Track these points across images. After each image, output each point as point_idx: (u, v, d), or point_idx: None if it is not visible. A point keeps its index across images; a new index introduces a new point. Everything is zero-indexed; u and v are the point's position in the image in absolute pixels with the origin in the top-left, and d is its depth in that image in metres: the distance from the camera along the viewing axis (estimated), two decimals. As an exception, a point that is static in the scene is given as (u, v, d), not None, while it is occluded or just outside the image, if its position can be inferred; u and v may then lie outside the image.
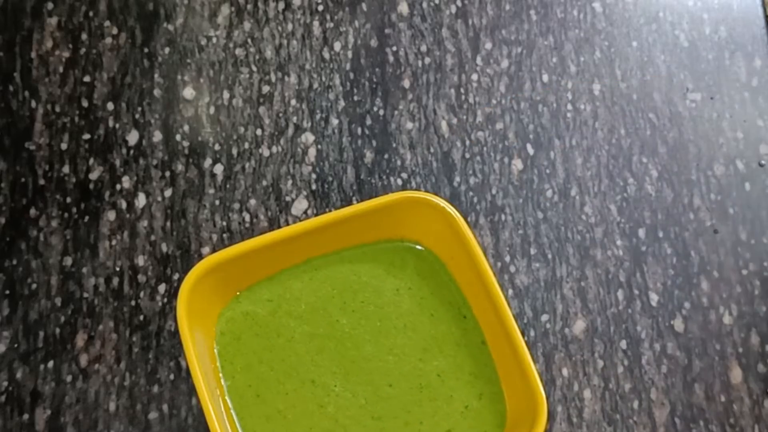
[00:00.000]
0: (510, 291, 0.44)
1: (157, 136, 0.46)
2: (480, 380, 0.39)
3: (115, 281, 0.43)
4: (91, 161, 0.45)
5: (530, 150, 0.47)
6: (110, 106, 0.46)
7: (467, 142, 0.47)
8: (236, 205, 0.45)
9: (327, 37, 0.49)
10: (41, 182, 0.45)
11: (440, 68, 0.48)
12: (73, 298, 0.42)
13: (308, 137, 0.46)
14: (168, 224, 0.44)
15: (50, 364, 0.41)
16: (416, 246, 0.41)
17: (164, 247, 0.44)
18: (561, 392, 0.42)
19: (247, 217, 0.45)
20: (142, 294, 0.43)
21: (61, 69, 0.47)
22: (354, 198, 0.45)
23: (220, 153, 0.46)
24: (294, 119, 0.47)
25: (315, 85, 0.48)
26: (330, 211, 0.44)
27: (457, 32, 0.49)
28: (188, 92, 0.47)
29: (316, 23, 0.49)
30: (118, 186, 0.45)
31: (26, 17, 0.48)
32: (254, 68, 0.48)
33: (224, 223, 0.44)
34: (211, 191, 0.45)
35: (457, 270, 0.40)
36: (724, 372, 0.43)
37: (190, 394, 0.41)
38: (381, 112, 0.47)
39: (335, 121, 0.47)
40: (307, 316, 0.40)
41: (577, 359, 0.43)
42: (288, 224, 0.45)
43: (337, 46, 0.49)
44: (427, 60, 0.49)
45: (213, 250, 0.43)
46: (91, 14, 0.48)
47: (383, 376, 0.39)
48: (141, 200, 0.44)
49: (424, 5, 0.50)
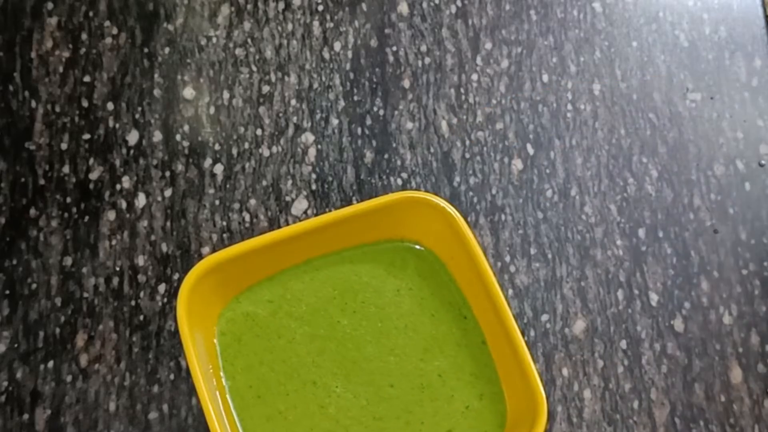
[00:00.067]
0: (510, 291, 0.44)
1: (157, 136, 0.46)
2: (481, 380, 0.39)
3: (115, 281, 0.43)
4: (91, 161, 0.45)
5: (530, 150, 0.47)
6: (110, 106, 0.46)
7: (467, 142, 0.47)
8: (236, 205, 0.45)
9: (327, 37, 0.49)
10: (41, 182, 0.44)
11: (440, 68, 0.48)
12: (73, 298, 0.42)
13: (308, 137, 0.46)
14: (168, 224, 0.44)
15: (50, 364, 0.41)
16: (416, 246, 0.41)
17: (164, 247, 0.44)
18: (561, 392, 0.42)
19: (247, 217, 0.45)
20: (142, 294, 0.43)
21: (61, 69, 0.47)
22: (354, 198, 0.45)
23: (220, 153, 0.46)
24: (294, 119, 0.47)
25: (315, 85, 0.48)
26: (330, 211, 0.44)
27: (457, 32, 0.49)
28: (188, 92, 0.47)
29: (316, 23, 0.49)
30: (118, 186, 0.45)
31: (26, 17, 0.48)
32: (254, 68, 0.48)
33: (224, 223, 0.44)
34: (211, 191, 0.45)
35: (457, 270, 0.40)
36: (724, 372, 0.43)
37: (190, 394, 0.41)
38: (381, 112, 0.47)
39: (335, 121, 0.47)
40: (308, 317, 0.40)
41: (577, 359, 0.43)
42: (288, 224, 0.45)
43: (337, 46, 0.49)
44: (427, 60, 0.49)
45: (213, 250, 0.43)
46: (91, 14, 0.48)
47: (384, 377, 0.39)
48: (141, 200, 0.44)
49: (424, 5, 0.50)
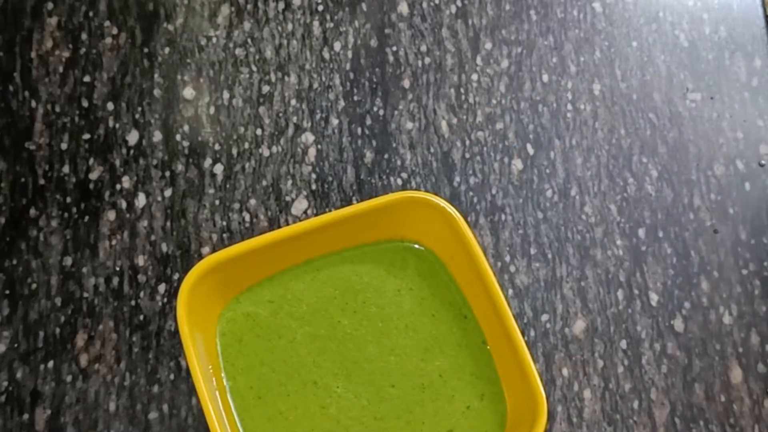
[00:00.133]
0: (510, 291, 0.44)
1: (157, 136, 0.46)
2: (481, 380, 0.39)
3: (115, 281, 0.43)
4: (91, 161, 0.45)
5: (530, 150, 0.47)
6: (110, 106, 0.46)
7: (467, 142, 0.47)
8: (236, 205, 0.45)
9: (327, 37, 0.49)
10: (41, 182, 0.44)
11: (440, 68, 0.48)
12: (73, 298, 0.42)
13: (308, 137, 0.46)
14: (168, 224, 0.44)
15: (50, 364, 0.41)
16: (416, 246, 0.41)
17: (164, 247, 0.44)
18: (561, 392, 0.42)
19: (247, 217, 0.44)
20: (142, 294, 0.43)
21: (61, 69, 0.47)
22: (354, 198, 0.45)
23: (220, 153, 0.46)
24: (294, 119, 0.47)
25: (315, 85, 0.48)
26: (330, 211, 0.44)
27: (457, 32, 0.49)
28: (188, 92, 0.47)
29: (316, 23, 0.49)
30: (118, 186, 0.45)
31: (26, 17, 0.48)
32: (254, 68, 0.48)
33: (224, 223, 0.44)
34: (211, 191, 0.45)
35: (458, 270, 0.40)
36: (724, 372, 0.43)
37: (190, 394, 0.41)
38: (381, 112, 0.47)
39: (335, 121, 0.47)
40: (309, 317, 0.40)
41: (577, 359, 0.43)
42: (288, 224, 0.45)
43: (337, 46, 0.49)
44: (427, 60, 0.48)
45: (213, 250, 0.43)
46: (91, 14, 0.48)
47: (385, 377, 0.39)
48: (141, 200, 0.44)
49: (424, 5, 0.50)
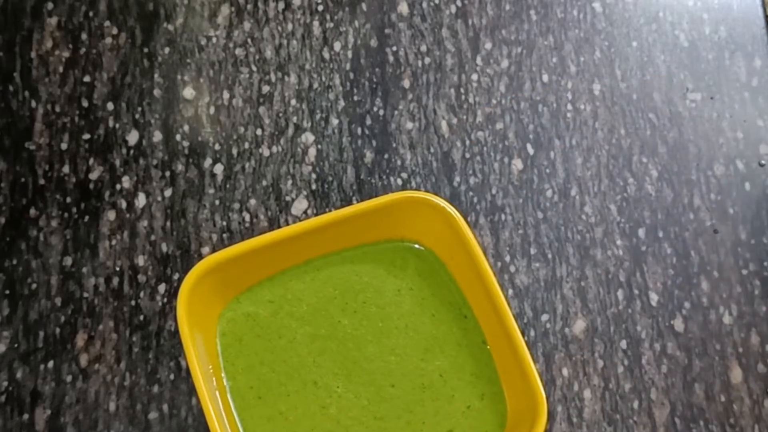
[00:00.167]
0: (510, 291, 0.44)
1: (157, 136, 0.46)
2: (481, 380, 0.39)
3: (115, 281, 0.43)
4: (91, 161, 0.45)
5: (530, 150, 0.47)
6: (110, 106, 0.46)
7: (467, 142, 0.47)
8: (236, 205, 0.45)
9: (327, 37, 0.49)
10: (41, 182, 0.44)
11: (440, 68, 0.48)
12: (73, 298, 0.42)
13: (308, 137, 0.46)
14: (168, 224, 0.44)
15: (50, 364, 0.41)
16: (416, 246, 0.41)
17: (164, 247, 0.44)
18: (561, 392, 0.42)
19: (247, 217, 0.44)
20: (142, 294, 0.43)
21: (61, 69, 0.47)
22: (354, 198, 0.45)
23: (220, 153, 0.46)
24: (294, 119, 0.47)
25: (315, 85, 0.48)
26: (330, 211, 0.44)
27: (457, 32, 0.49)
28: (188, 92, 0.47)
29: (316, 23, 0.49)
30: (118, 186, 0.45)
31: (26, 17, 0.48)
32: (254, 68, 0.48)
33: (224, 223, 0.44)
34: (211, 191, 0.45)
35: (458, 270, 0.40)
36: (724, 372, 0.43)
37: (190, 394, 0.41)
38: (381, 112, 0.47)
39: (335, 121, 0.47)
40: (309, 317, 0.40)
41: (577, 359, 0.43)
42: (288, 224, 0.45)
43: (337, 46, 0.49)
44: (427, 60, 0.49)
45: (213, 250, 0.43)
46: (91, 14, 0.48)
47: (385, 377, 0.39)
48: (141, 200, 0.44)
49: (424, 5, 0.50)
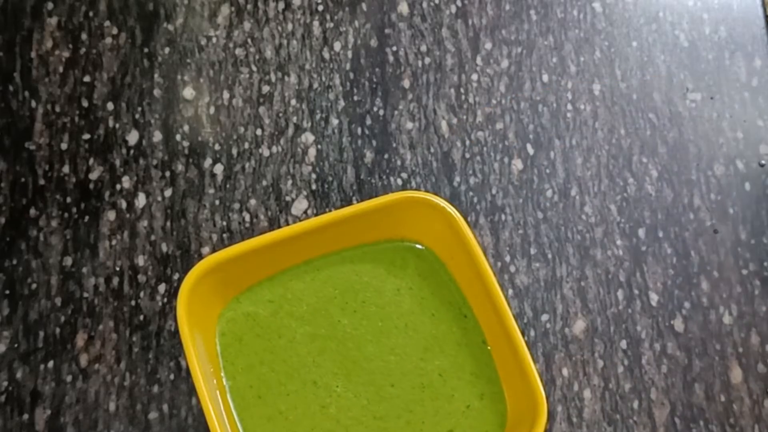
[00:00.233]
0: (510, 291, 0.44)
1: (157, 136, 0.46)
2: (481, 380, 0.39)
3: (115, 281, 0.43)
4: (91, 161, 0.45)
5: (530, 150, 0.47)
6: (110, 106, 0.46)
7: (467, 142, 0.47)
8: (236, 205, 0.45)
9: (327, 37, 0.49)
10: (41, 182, 0.44)
11: (440, 68, 0.48)
12: (73, 298, 0.42)
13: (308, 137, 0.46)
14: (168, 224, 0.44)
15: (50, 364, 0.41)
16: (417, 246, 0.41)
17: (164, 247, 0.44)
18: (561, 392, 0.42)
19: (247, 217, 0.44)
20: (142, 294, 0.43)
21: (61, 69, 0.47)
22: (354, 198, 0.45)
23: (220, 153, 0.46)
24: (294, 119, 0.47)
25: (315, 85, 0.48)
26: (330, 211, 0.44)
27: (457, 32, 0.49)
28: (188, 92, 0.47)
29: (316, 23, 0.49)
30: (118, 186, 0.45)
31: (26, 17, 0.48)
32: (254, 68, 0.48)
33: (224, 223, 0.44)
34: (211, 191, 0.45)
35: (458, 270, 0.40)
36: (724, 372, 0.43)
37: (190, 394, 0.41)
38: (381, 112, 0.47)
39: (335, 121, 0.47)
40: (309, 317, 0.40)
41: (577, 359, 0.43)
42: (288, 224, 0.45)
43: (337, 46, 0.49)
44: (427, 60, 0.49)
45: (213, 250, 0.43)
46: (91, 14, 0.48)
47: (385, 376, 0.39)
48: (141, 200, 0.44)
49: (424, 5, 0.50)
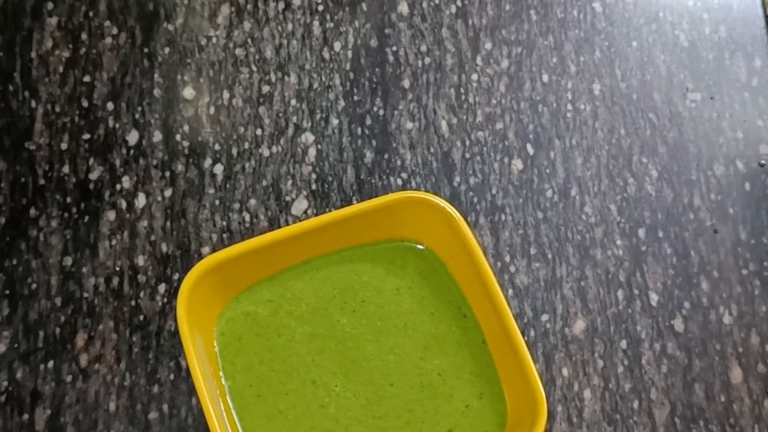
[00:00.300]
0: (510, 291, 0.44)
1: (157, 136, 0.46)
2: (481, 379, 0.39)
3: (115, 281, 0.43)
4: (91, 161, 0.45)
5: (530, 150, 0.47)
6: (110, 106, 0.46)
7: (467, 142, 0.47)
8: (236, 205, 0.45)
9: (327, 37, 0.49)
10: (41, 182, 0.44)
11: (440, 68, 0.48)
12: (73, 298, 0.42)
13: (308, 137, 0.46)
14: (168, 224, 0.44)
15: (50, 364, 0.41)
16: (416, 246, 0.41)
17: (164, 247, 0.44)
18: (561, 392, 0.42)
19: (247, 217, 0.45)
20: (142, 294, 0.43)
21: (61, 69, 0.47)
22: (354, 198, 0.45)
23: (220, 153, 0.46)
24: (294, 119, 0.47)
25: (315, 85, 0.48)
26: (330, 211, 0.44)
27: (457, 32, 0.49)
28: (188, 92, 0.47)
29: (316, 23, 0.49)
30: (118, 186, 0.45)
31: (26, 17, 0.48)
32: (254, 68, 0.48)
33: (224, 223, 0.44)
34: (211, 191, 0.45)
35: (457, 270, 0.40)
36: (724, 372, 0.43)
37: (190, 394, 0.41)
38: (381, 112, 0.47)
39: (335, 121, 0.47)
40: (308, 317, 0.40)
41: (577, 359, 0.43)
42: (288, 224, 0.45)
43: (337, 46, 0.49)
44: (427, 60, 0.49)
45: (213, 250, 0.43)
46: (91, 14, 0.48)
47: (384, 376, 0.39)
48: (141, 200, 0.44)
49: (424, 5, 0.50)
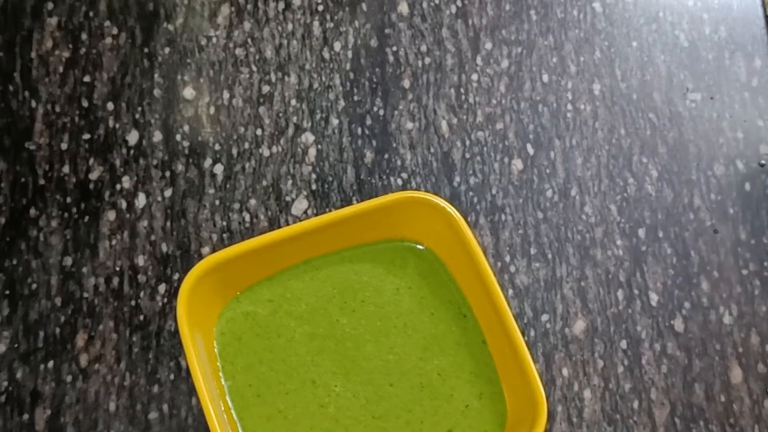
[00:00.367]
0: (510, 291, 0.44)
1: (157, 136, 0.46)
2: (480, 379, 0.39)
3: (115, 281, 0.43)
4: (91, 161, 0.45)
5: (530, 150, 0.47)
6: (110, 106, 0.46)
7: (467, 142, 0.47)
8: (236, 205, 0.45)
9: (327, 37, 0.49)
10: (41, 182, 0.44)
11: (440, 68, 0.48)
12: (73, 298, 0.42)
13: (308, 137, 0.46)
14: (168, 224, 0.44)
15: (50, 364, 0.41)
16: (416, 246, 0.41)
17: (164, 247, 0.44)
18: (561, 392, 0.42)
19: (247, 217, 0.45)
20: (142, 294, 0.43)
21: (61, 69, 0.47)
22: (354, 198, 0.45)
23: (220, 153, 0.46)
24: (294, 119, 0.47)
25: (315, 85, 0.48)
26: (330, 211, 0.44)
27: (457, 32, 0.49)
28: (188, 92, 0.47)
29: (316, 23, 0.49)
30: (118, 186, 0.45)
31: (26, 17, 0.48)
32: (254, 68, 0.48)
33: (224, 223, 0.44)
34: (211, 191, 0.45)
35: (457, 270, 0.40)
36: (724, 372, 0.43)
37: (190, 394, 0.41)
38: (381, 112, 0.47)
39: (335, 121, 0.47)
40: (308, 316, 0.40)
41: (577, 359, 0.43)
42: (288, 224, 0.45)
43: (337, 46, 0.49)
44: (427, 60, 0.49)
45: (213, 250, 0.43)
46: (91, 14, 0.48)
47: (384, 376, 0.39)
48: (141, 200, 0.44)
49: (424, 5, 0.50)
